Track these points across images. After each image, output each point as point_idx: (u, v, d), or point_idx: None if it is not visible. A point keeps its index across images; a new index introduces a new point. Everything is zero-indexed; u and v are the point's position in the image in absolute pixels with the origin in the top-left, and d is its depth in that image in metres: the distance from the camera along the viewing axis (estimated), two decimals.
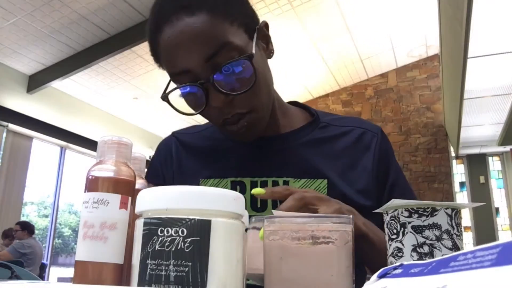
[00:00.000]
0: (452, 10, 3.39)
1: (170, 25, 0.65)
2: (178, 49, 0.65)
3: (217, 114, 0.69)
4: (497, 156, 7.86)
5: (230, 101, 0.67)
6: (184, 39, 0.64)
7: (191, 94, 0.68)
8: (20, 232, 4.78)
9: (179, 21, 0.64)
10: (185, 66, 0.65)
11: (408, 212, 0.46)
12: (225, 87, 0.65)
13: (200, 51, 0.64)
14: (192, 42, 0.64)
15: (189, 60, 0.65)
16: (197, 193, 0.40)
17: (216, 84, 0.65)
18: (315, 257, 0.40)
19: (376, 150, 0.80)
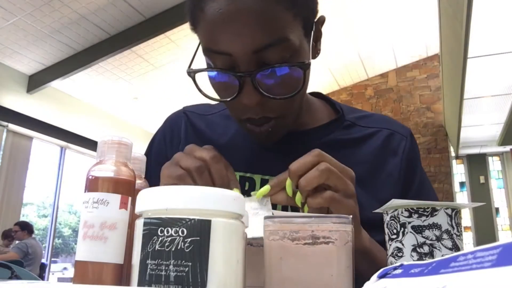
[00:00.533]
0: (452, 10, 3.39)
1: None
2: (228, 27, 0.55)
3: (243, 111, 0.61)
4: (497, 156, 7.86)
5: (263, 103, 0.59)
6: (238, 18, 0.54)
7: (223, 79, 0.60)
8: (20, 232, 4.79)
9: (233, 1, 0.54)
10: (229, 49, 0.56)
11: (408, 212, 0.46)
12: (264, 87, 0.57)
13: (253, 39, 0.54)
14: (246, 25, 0.54)
15: (236, 44, 0.55)
16: (197, 193, 0.40)
17: (257, 82, 0.57)
18: (315, 257, 0.40)
19: (404, 156, 0.72)
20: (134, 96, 6.43)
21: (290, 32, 0.56)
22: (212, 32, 0.57)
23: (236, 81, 0.57)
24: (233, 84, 0.58)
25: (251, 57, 0.56)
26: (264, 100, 0.58)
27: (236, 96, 0.58)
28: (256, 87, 0.57)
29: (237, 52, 0.56)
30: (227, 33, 0.55)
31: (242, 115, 0.63)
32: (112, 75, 5.84)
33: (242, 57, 0.56)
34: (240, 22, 0.54)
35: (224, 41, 0.56)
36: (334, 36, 5.82)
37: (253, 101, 0.58)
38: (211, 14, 0.56)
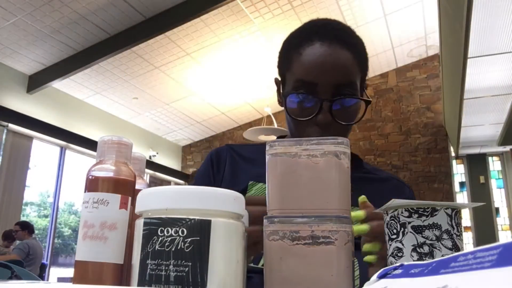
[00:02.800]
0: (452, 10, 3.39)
1: (322, 44, 0.78)
2: (320, 65, 0.77)
3: (312, 129, 0.78)
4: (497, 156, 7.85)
5: (330, 126, 0.77)
6: (329, 61, 0.77)
7: (305, 103, 0.78)
8: (20, 232, 4.79)
9: (331, 46, 0.77)
10: (317, 80, 0.76)
11: (408, 212, 0.46)
12: (335, 112, 0.77)
13: (335, 77, 0.76)
14: (334, 66, 0.76)
15: (324, 77, 0.76)
16: (197, 193, 0.40)
17: (332, 107, 0.76)
18: (315, 257, 0.40)
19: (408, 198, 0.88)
20: (134, 96, 6.43)
21: (357, 81, 0.80)
22: (308, 67, 0.78)
23: (316, 105, 0.77)
24: (312, 107, 0.78)
25: (331, 89, 0.76)
26: (332, 123, 0.77)
27: (312, 117, 0.77)
28: (330, 110, 0.76)
29: (323, 83, 0.76)
30: (320, 68, 0.77)
31: (312, 133, 0.79)
32: (112, 75, 5.84)
33: (326, 88, 0.76)
34: (331, 63, 0.77)
35: (316, 73, 0.77)
36: None
37: (326, 120, 0.77)
38: (310, 53, 0.78)
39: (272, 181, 0.44)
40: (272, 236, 0.42)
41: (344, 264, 0.40)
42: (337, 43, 0.78)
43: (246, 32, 5.43)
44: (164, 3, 4.71)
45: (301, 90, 0.78)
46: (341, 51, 0.78)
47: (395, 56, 6.60)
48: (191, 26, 5.10)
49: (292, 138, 0.86)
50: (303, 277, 0.40)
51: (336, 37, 0.79)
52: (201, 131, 7.97)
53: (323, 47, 0.78)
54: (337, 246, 0.40)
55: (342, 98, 0.77)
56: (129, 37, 4.98)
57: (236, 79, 6.38)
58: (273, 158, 0.44)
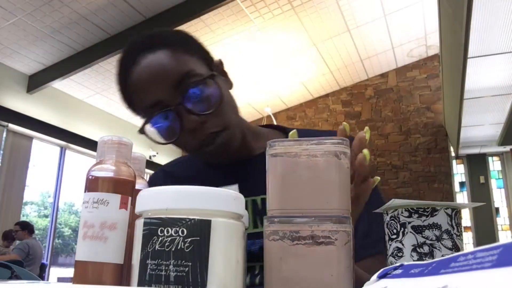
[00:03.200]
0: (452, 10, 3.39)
1: (136, 65, 0.72)
2: (147, 82, 0.70)
3: (193, 137, 0.72)
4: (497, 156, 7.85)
5: (203, 122, 0.70)
6: (151, 72, 0.70)
7: (165, 122, 0.72)
8: (20, 232, 4.79)
9: (144, 59, 0.71)
10: (156, 97, 0.70)
11: (408, 212, 0.46)
12: (196, 109, 0.70)
13: (167, 81, 0.69)
14: (158, 74, 0.70)
15: (158, 90, 0.69)
16: (197, 193, 0.40)
17: (187, 107, 0.69)
18: (315, 257, 0.40)
19: None
20: None
21: (193, 66, 0.72)
22: (140, 93, 0.72)
23: (175, 117, 0.70)
24: (174, 121, 0.70)
25: (174, 93, 0.69)
26: (203, 119, 0.70)
27: (181, 129, 0.70)
28: (190, 111, 0.69)
29: (162, 95, 0.69)
30: (149, 85, 0.70)
31: (196, 142, 0.73)
32: (112, 75, 5.84)
33: (168, 96, 0.69)
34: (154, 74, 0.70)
35: (149, 93, 0.70)
36: (334, 36, 5.82)
37: (193, 123, 0.69)
38: (133, 81, 0.72)
39: (272, 181, 0.44)
40: (272, 236, 0.42)
41: (344, 264, 0.40)
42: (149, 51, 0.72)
43: (246, 32, 5.43)
44: (164, 3, 4.71)
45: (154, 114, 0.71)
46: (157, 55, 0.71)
47: (395, 56, 6.60)
48: (191, 26, 5.10)
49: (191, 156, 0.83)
50: (303, 277, 0.40)
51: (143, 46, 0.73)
52: None
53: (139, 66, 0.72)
54: (337, 246, 0.40)
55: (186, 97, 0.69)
56: (129, 37, 4.98)
57: (236, 79, 6.36)
58: (273, 158, 0.44)
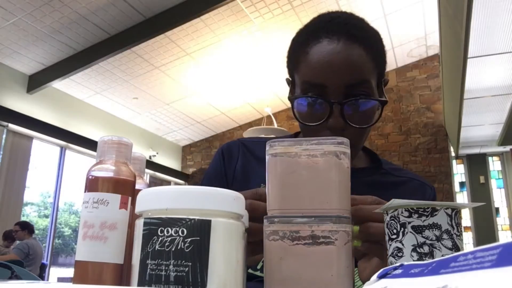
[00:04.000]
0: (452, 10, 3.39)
1: (330, 41, 0.71)
2: (328, 65, 0.70)
3: (324, 134, 0.72)
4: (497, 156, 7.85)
5: (343, 130, 0.71)
6: (337, 59, 0.69)
7: (314, 107, 0.72)
8: (20, 232, 4.79)
9: (340, 43, 0.70)
10: (326, 82, 0.70)
11: (408, 212, 0.46)
12: (349, 115, 0.70)
13: (346, 76, 0.69)
14: (343, 65, 0.69)
15: (332, 78, 0.69)
16: (197, 193, 0.40)
17: (345, 110, 0.70)
18: (315, 257, 0.40)
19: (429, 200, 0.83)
20: (134, 96, 6.43)
21: (371, 78, 0.72)
22: (314, 68, 0.71)
23: (326, 109, 0.70)
24: (322, 111, 0.71)
25: (342, 90, 0.70)
26: (345, 127, 0.71)
27: (324, 121, 0.71)
28: (343, 114, 0.70)
29: (332, 84, 0.70)
30: (328, 68, 0.70)
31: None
32: (112, 75, 5.84)
33: (336, 89, 0.70)
34: (340, 63, 0.69)
35: (323, 74, 0.70)
36: None
37: (338, 125, 0.70)
38: (316, 53, 0.71)
39: (272, 181, 0.44)
40: (272, 236, 0.42)
41: (344, 264, 0.40)
42: (346, 39, 0.70)
43: (246, 32, 5.43)
44: (164, 3, 4.71)
45: (309, 92, 0.72)
46: (351, 47, 0.70)
47: (395, 56, 6.60)
48: (191, 26, 5.10)
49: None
50: (303, 277, 0.40)
51: (345, 32, 0.71)
52: (201, 131, 7.97)
53: (331, 45, 0.70)
54: (337, 246, 0.40)
55: (354, 99, 0.70)
56: (129, 37, 4.98)
57: (236, 79, 6.38)
58: (273, 158, 0.44)
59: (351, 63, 0.70)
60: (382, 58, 0.76)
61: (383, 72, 0.77)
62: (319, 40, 0.71)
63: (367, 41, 0.72)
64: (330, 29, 0.72)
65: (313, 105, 0.72)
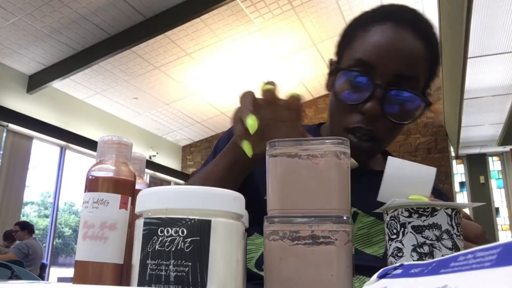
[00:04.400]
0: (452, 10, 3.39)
1: (394, 26, 0.68)
2: (387, 47, 0.67)
3: (355, 117, 0.69)
4: (497, 156, 7.86)
5: (377, 118, 0.68)
6: (396, 45, 0.67)
7: (357, 85, 0.68)
8: (20, 232, 4.79)
9: (403, 31, 0.68)
10: (378, 63, 0.67)
11: (408, 212, 0.46)
12: (389, 106, 0.68)
13: (399, 65, 0.67)
14: (400, 52, 0.67)
15: (386, 61, 0.67)
16: (197, 193, 0.40)
17: (385, 97, 0.67)
18: (315, 257, 0.40)
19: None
20: (134, 96, 6.43)
21: (422, 78, 0.70)
22: (369, 46, 0.68)
23: (368, 91, 0.67)
24: (363, 92, 0.68)
25: (391, 77, 0.67)
26: (381, 116, 0.68)
27: (362, 103, 0.67)
28: (382, 102, 0.67)
29: (383, 68, 0.67)
30: (384, 51, 0.67)
31: (355, 123, 0.69)
32: (112, 75, 5.84)
33: (385, 74, 0.67)
34: (398, 50, 0.67)
35: (377, 55, 0.67)
36: (334, 36, 5.82)
37: (374, 111, 0.67)
38: (375, 34, 0.69)
39: (272, 182, 0.44)
40: (272, 236, 0.42)
41: (344, 264, 0.40)
42: (411, 30, 0.68)
43: (246, 32, 5.43)
44: (164, 3, 4.71)
45: (356, 70, 0.68)
46: (414, 40, 0.68)
47: None
48: (191, 26, 5.10)
49: (331, 124, 0.77)
50: (303, 277, 0.40)
51: (413, 24, 0.69)
52: (201, 131, 7.97)
53: (394, 30, 0.68)
54: (337, 246, 0.40)
55: (398, 89, 0.67)
56: (129, 37, 4.98)
57: (236, 79, 6.38)
58: (273, 158, 0.44)
59: (409, 54, 0.68)
60: (436, 65, 0.74)
61: (431, 79, 0.75)
62: (384, 22, 0.69)
63: (430, 42, 0.70)
64: (398, 16, 0.70)
65: (355, 83, 0.69)
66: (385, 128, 0.70)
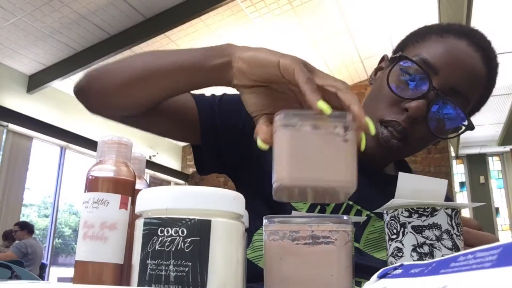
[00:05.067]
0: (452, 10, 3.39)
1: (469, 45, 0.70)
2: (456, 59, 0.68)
3: (399, 112, 0.68)
4: (497, 156, 7.86)
5: (415, 122, 0.67)
6: (466, 61, 0.69)
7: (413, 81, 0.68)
8: (19, 232, 4.78)
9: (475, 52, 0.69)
10: (442, 70, 0.67)
11: (408, 212, 0.46)
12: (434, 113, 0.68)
13: (460, 80, 0.68)
14: (465, 70, 0.68)
15: (449, 71, 0.67)
16: (197, 193, 0.40)
17: (435, 103, 0.67)
18: (315, 257, 0.40)
19: None
20: None
21: (472, 101, 0.71)
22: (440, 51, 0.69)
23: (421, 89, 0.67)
24: (415, 90, 0.67)
25: (447, 87, 0.67)
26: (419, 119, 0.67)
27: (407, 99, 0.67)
28: (430, 105, 0.66)
29: (444, 76, 0.67)
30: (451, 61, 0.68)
31: (393, 116, 0.69)
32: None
33: (443, 82, 0.67)
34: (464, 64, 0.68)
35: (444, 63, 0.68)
36: (334, 36, 5.82)
37: (418, 110, 0.66)
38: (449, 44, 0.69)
39: (279, 152, 0.43)
40: (272, 236, 0.42)
41: (344, 264, 0.40)
42: (482, 55, 0.70)
43: (246, 32, 5.43)
44: (164, 3, 4.71)
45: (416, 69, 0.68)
46: (481, 63, 0.70)
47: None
48: (191, 26, 5.10)
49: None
50: (303, 277, 0.40)
51: (484, 49, 0.71)
52: None
53: (467, 48, 0.69)
54: (337, 246, 0.40)
55: (452, 101, 0.67)
56: (129, 37, 4.98)
57: None
58: (281, 128, 0.43)
59: (472, 73, 0.69)
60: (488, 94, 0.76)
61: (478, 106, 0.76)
62: (459, 37, 0.70)
63: (493, 71, 0.73)
64: (472, 37, 0.71)
65: (413, 78, 0.68)
66: (420, 134, 0.69)
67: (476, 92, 0.71)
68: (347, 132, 0.42)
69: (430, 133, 0.68)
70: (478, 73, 0.70)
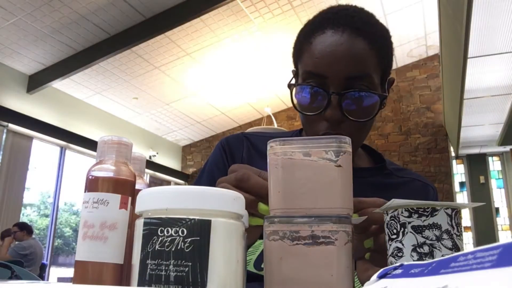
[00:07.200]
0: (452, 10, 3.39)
1: (334, 32, 0.71)
2: (331, 55, 0.70)
3: (321, 125, 0.72)
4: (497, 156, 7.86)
5: (340, 122, 0.71)
6: (340, 50, 0.70)
7: (314, 96, 0.72)
8: (19, 233, 4.77)
9: (344, 34, 0.70)
10: (326, 72, 0.70)
11: (408, 212, 0.46)
12: (347, 108, 0.70)
13: (347, 68, 0.69)
14: (345, 57, 0.69)
15: (334, 69, 0.69)
16: (197, 193, 0.40)
17: (344, 102, 0.70)
18: (315, 257, 0.40)
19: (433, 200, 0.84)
20: (134, 96, 6.43)
21: (373, 73, 0.71)
22: (317, 57, 0.71)
23: (325, 99, 0.70)
24: (320, 101, 0.71)
25: (342, 82, 0.69)
26: (343, 119, 0.71)
27: (323, 111, 0.70)
28: (340, 105, 0.70)
29: (333, 75, 0.69)
30: (330, 59, 0.70)
31: (320, 130, 0.72)
32: (112, 75, 5.84)
33: (336, 80, 0.69)
34: (342, 54, 0.69)
35: (325, 65, 0.70)
36: None
37: (335, 116, 0.70)
38: (320, 42, 0.71)
39: (273, 182, 0.44)
40: (272, 236, 0.42)
41: (344, 264, 0.40)
42: (351, 32, 0.70)
43: (246, 32, 5.43)
44: (164, 3, 4.71)
45: (310, 82, 0.72)
46: (355, 40, 0.70)
47: (395, 56, 6.60)
48: (191, 26, 5.10)
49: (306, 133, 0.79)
50: (303, 277, 0.40)
51: (351, 24, 0.71)
52: (201, 131, 7.97)
53: (334, 36, 0.70)
54: (337, 246, 0.40)
55: (352, 91, 0.69)
56: (129, 37, 4.98)
57: (236, 79, 6.38)
58: (274, 157, 0.44)
59: (353, 55, 0.69)
60: (388, 55, 0.75)
61: (387, 70, 0.76)
62: (323, 31, 0.72)
63: (373, 36, 0.72)
64: (336, 21, 0.72)
65: (311, 95, 0.72)
66: (351, 129, 0.72)
67: (369, 64, 0.71)
68: (339, 158, 0.43)
69: (358, 122, 0.71)
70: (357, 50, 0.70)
